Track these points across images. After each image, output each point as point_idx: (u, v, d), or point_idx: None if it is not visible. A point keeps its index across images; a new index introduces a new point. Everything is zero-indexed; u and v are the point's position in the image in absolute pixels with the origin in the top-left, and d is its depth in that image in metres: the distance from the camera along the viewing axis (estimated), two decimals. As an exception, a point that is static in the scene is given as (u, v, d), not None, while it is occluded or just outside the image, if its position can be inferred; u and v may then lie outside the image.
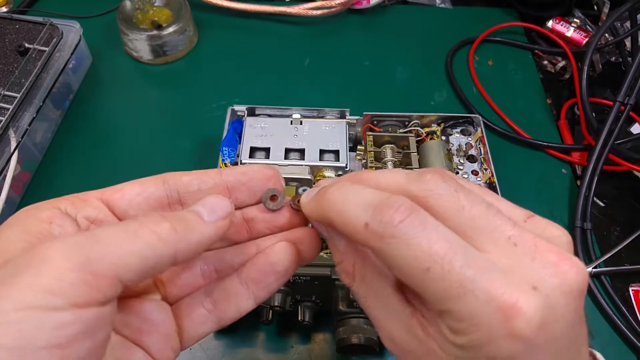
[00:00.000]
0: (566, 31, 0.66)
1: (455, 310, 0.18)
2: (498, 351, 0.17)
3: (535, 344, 0.17)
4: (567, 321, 0.18)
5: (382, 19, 0.71)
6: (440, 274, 0.18)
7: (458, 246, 0.18)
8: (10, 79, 0.50)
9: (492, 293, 0.17)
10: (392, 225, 0.18)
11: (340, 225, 0.20)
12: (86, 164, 0.55)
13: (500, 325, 0.17)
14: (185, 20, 0.62)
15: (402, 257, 0.18)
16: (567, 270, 0.18)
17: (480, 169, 0.50)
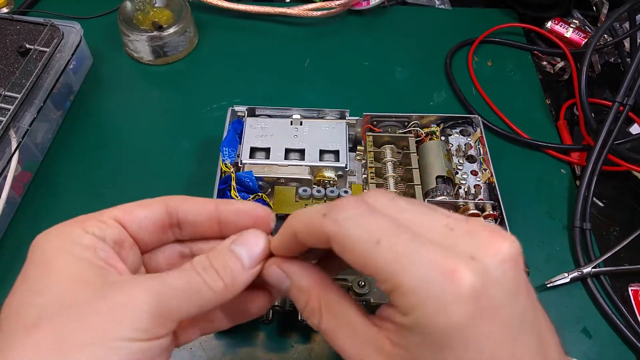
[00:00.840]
0: (565, 32, 0.66)
1: (404, 282, 0.19)
2: (448, 319, 0.18)
3: (481, 307, 0.19)
4: (508, 289, 0.19)
5: (381, 20, 0.71)
6: (388, 246, 0.20)
7: (403, 226, 0.20)
8: (11, 80, 0.50)
9: (435, 261, 0.19)
10: (346, 209, 0.21)
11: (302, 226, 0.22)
12: (87, 164, 0.55)
13: (445, 289, 0.19)
14: (185, 21, 0.62)
15: (356, 235, 0.20)
16: (500, 242, 0.20)
17: (480, 169, 0.51)
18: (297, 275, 0.24)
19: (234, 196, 0.44)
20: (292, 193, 0.45)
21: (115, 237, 0.24)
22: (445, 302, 0.18)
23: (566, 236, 0.51)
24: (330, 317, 0.23)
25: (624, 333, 0.45)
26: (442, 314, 0.19)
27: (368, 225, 0.20)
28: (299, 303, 0.24)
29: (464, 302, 0.18)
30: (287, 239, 0.24)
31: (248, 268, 0.24)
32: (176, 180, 0.53)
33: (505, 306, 0.19)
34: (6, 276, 0.46)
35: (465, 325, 0.19)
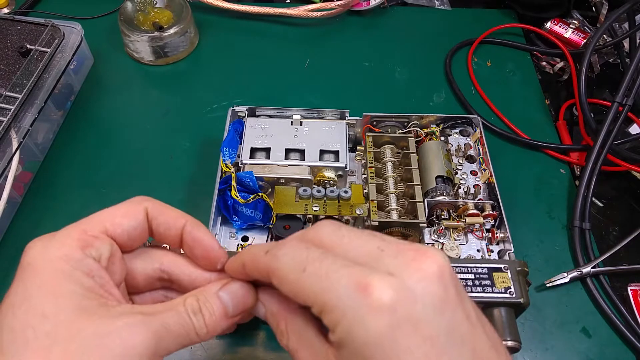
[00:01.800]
0: (564, 32, 0.66)
1: (326, 301, 0.21)
2: (366, 331, 0.19)
3: (398, 319, 0.19)
4: (430, 304, 0.20)
5: (381, 21, 0.71)
6: (313, 271, 0.21)
7: (329, 253, 0.22)
8: (12, 80, 0.50)
9: (352, 279, 0.20)
10: (286, 246, 0.23)
11: (248, 260, 0.25)
12: (87, 164, 0.55)
13: (360, 303, 0.20)
14: (186, 21, 0.62)
15: (287, 265, 0.22)
16: (423, 260, 0.21)
17: (479, 169, 0.51)
18: (268, 302, 0.26)
19: (235, 196, 0.44)
20: (292, 193, 0.45)
21: (108, 255, 0.24)
22: (361, 315, 0.20)
23: (566, 236, 0.52)
24: (294, 337, 0.24)
25: (624, 333, 0.45)
26: (360, 326, 0.20)
27: (298, 256, 0.22)
28: (272, 326, 0.26)
29: (378, 313, 0.19)
30: (237, 268, 0.26)
31: (230, 317, 0.25)
32: (176, 180, 0.53)
33: (428, 321, 0.20)
34: (6, 276, 0.46)
35: (383, 337, 0.19)
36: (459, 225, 0.45)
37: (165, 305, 0.24)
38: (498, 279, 0.39)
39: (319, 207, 0.44)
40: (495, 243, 0.46)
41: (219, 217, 0.47)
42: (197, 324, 0.24)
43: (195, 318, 0.24)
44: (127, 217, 0.26)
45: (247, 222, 0.46)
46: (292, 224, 0.44)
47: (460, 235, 0.46)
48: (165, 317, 0.23)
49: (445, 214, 0.46)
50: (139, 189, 0.52)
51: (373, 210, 0.44)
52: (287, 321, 0.25)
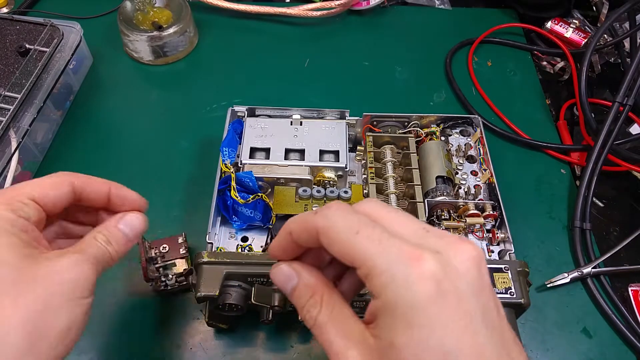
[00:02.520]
0: (565, 32, 0.66)
1: (376, 264, 0.22)
2: (413, 295, 0.21)
3: (443, 290, 0.21)
4: (471, 283, 0.22)
5: (381, 20, 0.71)
6: (366, 235, 0.23)
7: (380, 223, 0.24)
8: (11, 80, 0.50)
9: (403, 249, 0.22)
10: (334, 208, 0.25)
11: (296, 224, 0.26)
12: (87, 164, 0.55)
13: (410, 270, 0.21)
14: (185, 21, 0.62)
15: (339, 226, 0.24)
16: (465, 244, 0.23)
17: (480, 169, 0.51)
18: (306, 273, 0.27)
19: (234, 196, 0.44)
20: (292, 193, 0.45)
21: (36, 219, 0.29)
22: (410, 281, 0.21)
23: (566, 236, 0.51)
24: (327, 311, 0.25)
25: (624, 333, 0.45)
26: (408, 290, 0.21)
27: (350, 219, 0.24)
28: (302, 297, 0.26)
29: (427, 281, 0.21)
30: (283, 240, 0.27)
31: (130, 242, 0.31)
32: (176, 180, 0.53)
33: (467, 298, 0.22)
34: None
35: (429, 303, 0.21)
36: (460, 225, 0.45)
37: (85, 243, 0.29)
38: (499, 280, 0.39)
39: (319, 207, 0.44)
40: (495, 243, 0.46)
41: (218, 217, 0.47)
42: (111, 251, 0.30)
43: (109, 247, 0.30)
44: (53, 189, 0.30)
45: (246, 222, 0.46)
46: (292, 224, 0.44)
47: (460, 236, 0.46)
48: (92, 251, 0.29)
49: (445, 215, 0.46)
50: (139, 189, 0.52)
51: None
52: (323, 294, 0.26)
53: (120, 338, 0.44)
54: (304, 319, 0.26)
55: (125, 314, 0.45)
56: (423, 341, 0.21)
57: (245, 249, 0.46)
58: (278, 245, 0.28)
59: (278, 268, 0.28)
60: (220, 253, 0.40)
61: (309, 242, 0.26)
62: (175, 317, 0.45)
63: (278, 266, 0.28)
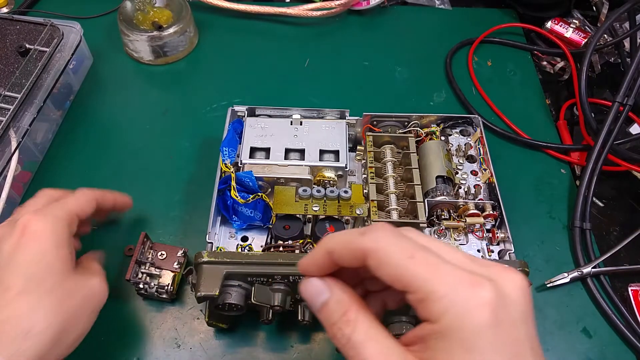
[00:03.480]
0: (565, 32, 0.66)
1: (435, 289, 0.22)
2: (473, 320, 0.21)
3: (499, 318, 0.22)
4: (521, 311, 0.23)
5: (381, 20, 0.71)
6: (421, 260, 0.23)
7: (431, 249, 0.24)
8: (11, 80, 0.50)
9: (461, 275, 0.23)
10: (381, 230, 0.24)
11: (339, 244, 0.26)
12: (87, 164, 0.55)
13: (470, 297, 0.22)
14: (185, 21, 0.62)
15: (393, 250, 0.23)
16: (514, 273, 0.24)
17: (480, 169, 0.51)
18: (339, 289, 0.26)
19: (234, 196, 0.44)
20: (292, 193, 0.45)
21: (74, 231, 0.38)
22: (470, 307, 0.22)
23: (566, 236, 0.51)
24: (363, 329, 0.24)
25: (624, 333, 0.45)
26: (468, 316, 0.22)
27: (403, 242, 0.24)
28: (335, 315, 0.25)
29: (485, 308, 0.22)
30: (319, 257, 0.27)
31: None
32: (176, 180, 0.53)
33: (519, 326, 0.22)
34: (6, 276, 0.46)
35: (487, 329, 0.21)
36: (460, 225, 0.45)
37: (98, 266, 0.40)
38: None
39: (319, 207, 0.44)
40: (495, 243, 0.46)
41: (218, 217, 0.47)
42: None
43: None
44: (89, 206, 0.40)
45: (246, 222, 0.46)
46: (292, 224, 0.44)
47: (460, 236, 0.46)
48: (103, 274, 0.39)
49: (445, 214, 0.46)
50: (139, 189, 0.52)
51: (373, 210, 0.44)
52: (358, 311, 0.25)
53: (120, 338, 0.44)
54: (333, 337, 0.25)
55: (125, 314, 0.45)
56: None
57: (245, 248, 0.46)
58: (313, 262, 0.27)
59: (309, 281, 0.27)
60: (220, 253, 0.40)
61: (351, 263, 0.25)
62: (175, 317, 0.45)
63: (309, 280, 0.27)
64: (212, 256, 0.39)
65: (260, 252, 0.41)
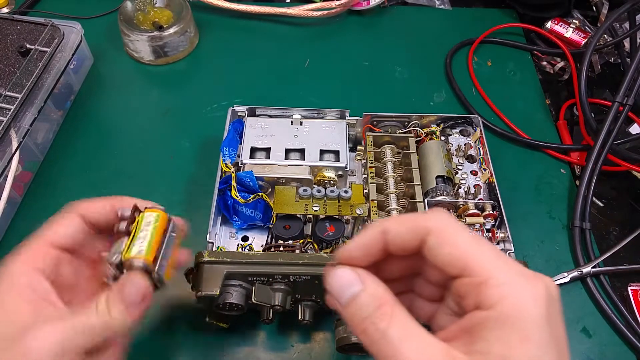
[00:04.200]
0: (565, 32, 0.66)
1: (497, 276, 0.22)
2: (533, 312, 0.21)
3: (550, 312, 0.22)
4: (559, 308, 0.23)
5: (381, 20, 0.71)
6: (486, 247, 0.23)
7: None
8: (11, 80, 0.50)
9: (519, 268, 0.23)
10: (442, 211, 0.25)
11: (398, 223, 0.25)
12: (87, 164, 0.55)
13: (527, 287, 0.22)
14: (186, 21, 0.62)
15: (462, 232, 0.23)
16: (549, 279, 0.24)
17: (480, 169, 0.51)
18: (374, 281, 0.24)
19: (235, 196, 0.44)
20: (293, 193, 0.45)
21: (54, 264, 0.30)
22: (529, 297, 0.22)
23: (566, 236, 0.51)
24: (400, 324, 0.23)
25: (624, 333, 0.45)
26: (529, 306, 0.21)
27: (467, 230, 0.24)
28: (368, 309, 0.23)
29: (543, 302, 0.22)
30: (371, 239, 0.25)
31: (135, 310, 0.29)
32: (176, 180, 0.53)
33: (562, 325, 0.23)
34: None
35: (544, 321, 0.21)
36: (459, 225, 0.45)
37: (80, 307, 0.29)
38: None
39: (319, 207, 0.44)
40: (495, 243, 0.46)
41: (219, 217, 0.47)
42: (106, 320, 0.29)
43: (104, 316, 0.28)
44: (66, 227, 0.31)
45: (247, 222, 0.46)
46: (292, 224, 0.44)
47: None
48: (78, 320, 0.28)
49: (445, 214, 0.46)
50: (139, 189, 0.52)
51: (373, 210, 0.44)
52: (394, 305, 0.23)
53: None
54: (363, 332, 0.23)
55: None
56: (537, 357, 0.21)
57: (245, 248, 0.46)
58: (363, 244, 0.25)
59: (338, 271, 0.24)
60: (220, 252, 0.40)
61: (408, 243, 0.24)
62: (175, 317, 0.45)
63: (338, 269, 0.24)
64: (213, 256, 0.39)
65: (260, 252, 0.41)
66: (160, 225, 0.32)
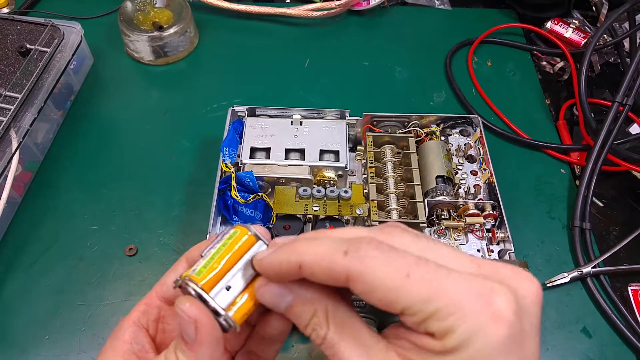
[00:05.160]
0: (565, 32, 0.66)
1: (441, 306, 0.19)
2: (488, 340, 0.19)
3: (513, 332, 0.19)
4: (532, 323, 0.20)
5: (381, 20, 0.71)
6: (420, 276, 0.20)
7: (429, 259, 0.20)
8: (11, 80, 0.50)
9: (469, 285, 0.19)
10: (369, 248, 0.20)
11: (316, 261, 0.21)
12: (87, 164, 0.55)
13: (483, 310, 0.19)
14: (186, 21, 0.62)
15: (384, 272, 0.20)
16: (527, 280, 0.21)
17: (480, 169, 0.51)
18: (302, 289, 0.23)
19: (235, 196, 0.44)
20: (292, 193, 0.45)
21: (155, 317, 0.28)
22: (483, 323, 0.19)
23: (566, 236, 0.51)
24: (337, 327, 0.22)
25: (624, 333, 0.45)
26: (482, 333, 0.19)
27: (394, 260, 0.20)
28: (304, 317, 0.23)
29: (500, 323, 0.19)
30: (285, 269, 0.22)
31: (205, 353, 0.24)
32: (176, 180, 0.53)
33: (529, 342, 0.20)
34: (7, 276, 0.46)
35: (501, 347, 0.19)
36: (459, 225, 0.45)
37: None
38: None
39: (319, 207, 0.44)
40: (495, 243, 0.46)
41: (218, 217, 0.47)
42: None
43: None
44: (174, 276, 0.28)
45: (247, 222, 0.46)
46: (292, 224, 0.44)
47: (460, 235, 0.46)
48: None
49: (445, 214, 0.46)
50: (139, 189, 0.52)
51: (373, 210, 0.44)
52: (328, 308, 0.22)
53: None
54: (310, 337, 0.22)
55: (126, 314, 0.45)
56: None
57: (245, 248, 0.46)
58: (276, 269, 0.23)
59: (265, 287, 0.23)
60: (220, 252, 0.40)
61: (326, 282, 0.21)
62: (175, 317, 0.45)
63: (265, 286, 0.23)
64: (213, 256, 0.39)
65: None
66: (233, 243, 0.24)
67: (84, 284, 0.46)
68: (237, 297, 0.23)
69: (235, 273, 0.23)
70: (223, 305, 0.23)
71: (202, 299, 0.23)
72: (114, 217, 0.50)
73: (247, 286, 0.24)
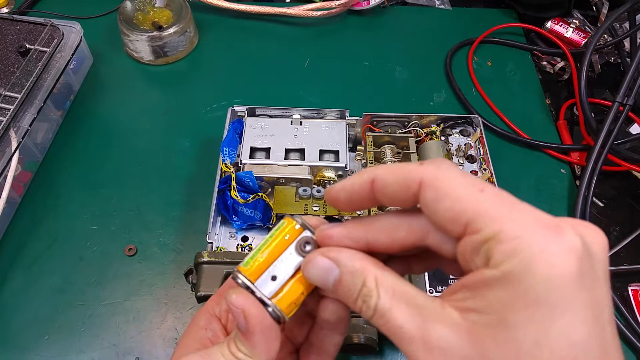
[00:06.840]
0: (565, 32, 0.66)
1: (507, 228, 0.18)
2: (550, 270, 0.17)
3: (582, 271, 0.17)
4: (603, 268, 0.19)
5: (381, 20, 0.71)
6: (493, 193, 0.19)
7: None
8: (11, 80, 0.50)
9: (539, 216, 0.19)
10: (446, 164, 0.21)
11: (391, 171, 0.22)
12: (87, 164, 0.55)
13: (549, 240, 0.18)
14: (185, 21, 0.62)
15: (459, 181, 0.20)
16: (595, 228, 0.19)
17: (480, 169, 0.51)
18: (348, 259, 0.22)
19: (234, 196, 0.44)
20: (292, 193, 0.45)
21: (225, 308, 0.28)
22: (549, 251, 0.17)
23: (566, 236, 0.51)
24: (387, 295, 0.21)
25: (624, 333, 0.45)
26: (545, 261, 0.17)
27: (470, 176, 0.20)
28: (353, 289, 0.22)
29: (568, 255, 0.17)
30: (358, 186, 0.22)
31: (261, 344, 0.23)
32: (176, 180, 0.53)
33: (601, 286, 0.18)
34: (6, 276, 0.46)
35: (566, 280, 0.17)
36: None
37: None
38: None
39: (319, 207, 0.44)
40: (495, 243, 0.46)
41: (218, 217, 0.47)
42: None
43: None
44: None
45: (246, 222, 0.46)
46: (292, 224, 0.44)
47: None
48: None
49: (445, 214, 0.46)
50: (139, 189, 0.52)
51: (373, 210, 0.44)
52: (377, 276, 0.21)
53: (120, 337, 0.44)
54: (359, 312, 0.22)
55: (126, 314, 0.45)
56: (547, 324, 0.17)
57: (245, 248, 0.46)
58: (349, 189, 0.23)
59: (312, 262, 0.22)
60: (220, 253, 0.40)
61: (397, 196, 0.21)
62: (175, 317, 0.45)
63: (311, 260, 0.22)
64: (212, 256, 0.39)
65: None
66: (280, 233, 0.24)
67: (84, 284, 0.46)
68: (283, 286, 0.23)
69: (282, 262, 0.24)
70: (268, 294, 0.23)
71: (248, 289, 0.23)
72: (113, 217, 0.50)
73: (293, 274, 0.24)
